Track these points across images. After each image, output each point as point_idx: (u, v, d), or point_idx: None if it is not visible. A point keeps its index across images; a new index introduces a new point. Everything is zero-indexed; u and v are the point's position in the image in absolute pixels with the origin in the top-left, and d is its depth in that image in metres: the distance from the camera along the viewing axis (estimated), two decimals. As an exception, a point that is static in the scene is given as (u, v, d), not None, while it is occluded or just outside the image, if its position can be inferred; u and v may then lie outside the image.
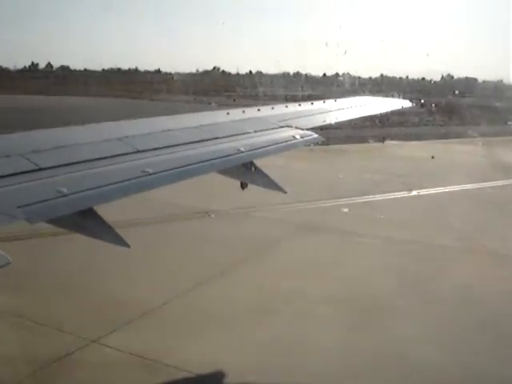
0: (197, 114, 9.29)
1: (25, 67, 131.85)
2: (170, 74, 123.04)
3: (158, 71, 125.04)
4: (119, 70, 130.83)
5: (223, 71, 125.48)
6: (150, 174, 5.78)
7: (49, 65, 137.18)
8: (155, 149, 6.49)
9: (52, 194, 4.93)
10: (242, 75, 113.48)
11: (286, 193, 8.21)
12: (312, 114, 10.42)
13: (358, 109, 12.25)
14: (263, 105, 11.11)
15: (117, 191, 5.46)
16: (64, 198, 4.93)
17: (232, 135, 7.84)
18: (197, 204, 20.56)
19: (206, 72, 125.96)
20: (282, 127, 9.04)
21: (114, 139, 6.51)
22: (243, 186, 8.06)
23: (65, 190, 5.00)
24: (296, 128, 9.18)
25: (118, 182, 5.51)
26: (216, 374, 9.91)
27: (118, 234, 5.33)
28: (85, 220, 5.12)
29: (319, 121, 10.04)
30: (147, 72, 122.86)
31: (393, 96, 15.52)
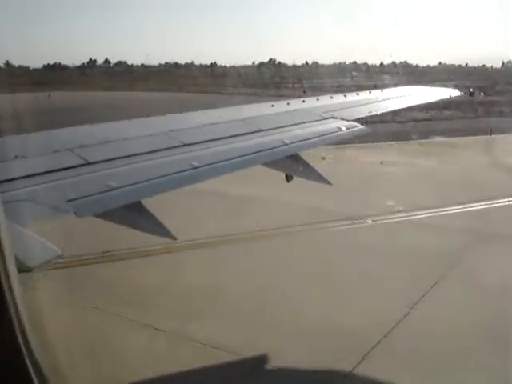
0: (241, 106, 9.26)
1: (83, 64, 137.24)
2: (225, 66, 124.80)
3: (214, 64, 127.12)
4: (176, 64, 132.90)
5: (279, 63, 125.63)
6: (197, 168, 5.76)
7: (106, 61, 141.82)
8: (201, 142, 6.48)
9: (101, 188, 4.96)
10: (299, 66, 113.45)
11: (331, 184, 8.04)
12: (357, 105, 10.21)
13: (405, 99, 11.93)
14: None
15: (164, 184, 5.46)
16: (112, 192, 4.96)
17: (277, 127, 7.75)
18: (344, 209, 18.05)
19: (261, 64, 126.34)
20: (326, 118, 8.88)
21: (160, 133, 6.53)
22: (288, 178, 7.96)
23: (113, 184, 5.03)
24: (341, 119, 9.01)
25: (165, 176, 5.52)
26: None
27: (165, 226, 5.34)
28: (133, 213, 5.14)
29: (365, 111, 9.82)
30: (204, 66, 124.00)
31: (446, 86, 15.09)
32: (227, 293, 11.53)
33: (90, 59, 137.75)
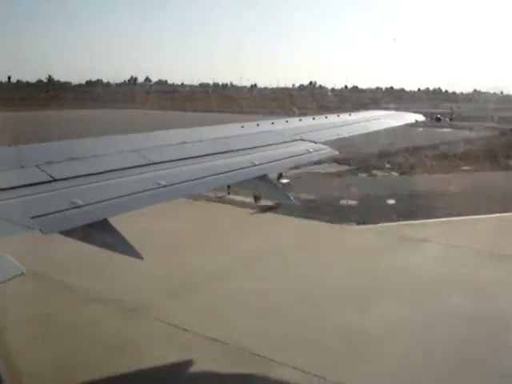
0: (212, 126, 9.31)
1: (125, 81, 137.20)
2: (265, 88, 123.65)
3: (255, 86, 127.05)
4: (215, 84, 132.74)
5: (320, 86, 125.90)
6: (165, 186, 5.76)
7: (147, 79, 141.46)
8: (170, 161, 6.49)
9: (66, 205, 4.92)
10: (339, 89, 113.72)
11: (298, 204, 8.14)
12: (326, 128, 10.38)
13: (372, 123, 12.21)
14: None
15: (131, 203, 5.44)
16: (78, 210, 4.92)
17: (246, 148, 7.82)
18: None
19: (302, 86, 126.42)
20: (295, 140, 9.01)
21: (129, 151, 6.52)
22: (256, 199, 8.03)
23: (79, 202, 4.99)
24: (309, 141, 9.14)
25: (131, 194, 5.50)
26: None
27: (131, 245, 5.30)
28: (99, 231, 5.09)
29: (333, 134, 10.00)
30: (244, 87, 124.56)
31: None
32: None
33: (131, 77, 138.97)
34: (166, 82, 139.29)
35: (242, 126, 9.22)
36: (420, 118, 15.04)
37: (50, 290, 14.43)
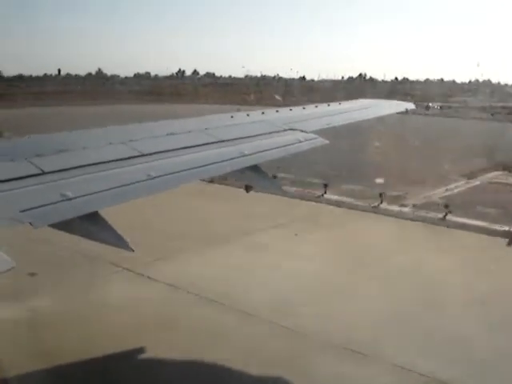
0: (201, 117, 9.28)
1: (172, 74, 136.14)
2: (313, 80, 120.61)
3: (303, 78, 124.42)
4: (264, 77, 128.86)
5: (371, 78, 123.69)
6: (154, 178, 5.77)
7: (195, 72, 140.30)
8: (160, 152, 6.48)
9: (56, 198, 4.91)
10: (390, 82, 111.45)
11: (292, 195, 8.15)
12: (316, 117, 10.37)
13: (363, 111, 12.20)
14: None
15: (121, 195, 5.44)
16: (68, 202, 4.92)
17: (236, 138, 7.82)
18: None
19: (351, 79, 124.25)
20: (286, 130, 9.00)
21: (118, 143, 6.50)
22: (248, 188, 8.03)
23: (69, 194, 4.99)
24: (300, 131, 9.14)
25: (122, 186, 5.50)
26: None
27: (122, 237, 5.30)
28: (90, 224, 5.09)
29: (323, 123, 9.99)
30: (292, 79, 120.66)
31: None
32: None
33: (179, 69, 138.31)
34: (213, 74, 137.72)
35: (232, 116, 9.20)
36: (410, 106, 15.06)
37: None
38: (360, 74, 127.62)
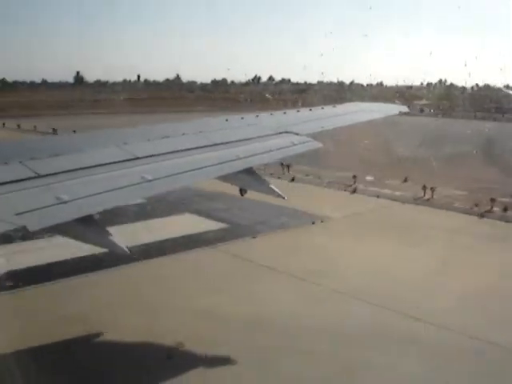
0: (196, 120, 9.31)
1: (248, 80, 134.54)
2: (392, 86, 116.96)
3: (381, 84, 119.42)
4: (340, 82, 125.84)
5: (451, 84, 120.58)
6: (149, 181, 5.79)
7: (271, 78, 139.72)
8: (154, 155, 6.50)
9: (51, 201, 4.93)
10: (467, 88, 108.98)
11: (284, 198, 8.19)
12: (310, 120, 10.43)
13: (357, 114, 12.27)
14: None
15: (116, 197, 5.46)
16: (64, 205, 4.93)
17: (231, 142, 7.85)
18: None
19: (429, 85, 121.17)
20: (280, 133, 9.05)
21: (113, 146, 6.51)
22: (242, 192, 8.05)
23: (65, 197, 5.01)
24: (294, 134, 9.19)
25: (117, 189, 5.51)
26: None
27: (115, 240, 5.32)
28: (85, 227, 5.11)
29: (317, 127, 10.05)
30: (370, 85, 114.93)
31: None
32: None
33: (255, 76, 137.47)
34: (289, 80, 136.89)
35: (227, 120, 9.24)
36: (404, 109, 15.15)
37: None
38: (440, 80, 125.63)
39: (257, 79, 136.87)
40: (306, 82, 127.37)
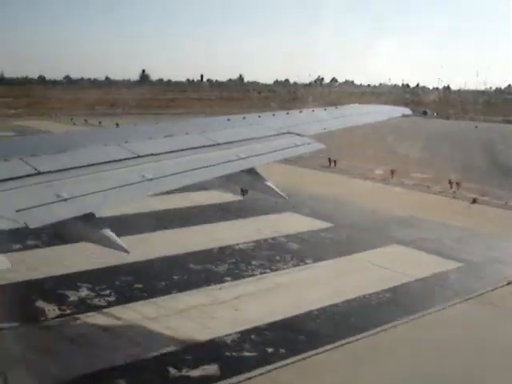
0: (198, 120, 9.28)
1: (311, 82, 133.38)
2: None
3: (447, 88, 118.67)
4: (407, 86, 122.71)
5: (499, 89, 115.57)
6: (150, 179, 5.76)
7: (334, 79, 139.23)
8: (156, 154, 6.47)
9: (51, 199, 4.90)
10: None
11: (286, 199, 8.13)
12: (312, 121, 10.38)
13: (359, 116, 12.22)
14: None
15: (116, 196, 5.43)
16: (64, 203, 4.91)
17: (233, 141, 7.82)
18: None
19: (498, 90, 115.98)
20: (282, 134, 9.01)
21: (114, 144, 6.49)
22: (244, 192, 8.03)
23: (64, 195, 4.98)
24: (296, 135, 9.16)
25: (117, 187, 5.49)
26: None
27: (118, 239, 5.29)
28: (85, 224, 5.08)
29: (320, 128, 10.01)
30: (437, 88, 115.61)
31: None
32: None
33: (318, 77, 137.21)
34: (352, 82, 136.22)
35: (229, 120, 9.21)
36: (407, 111, 15.10)
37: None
38: (509, 85, 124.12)
39: (320, 80, 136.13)
40: (369, 85, 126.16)
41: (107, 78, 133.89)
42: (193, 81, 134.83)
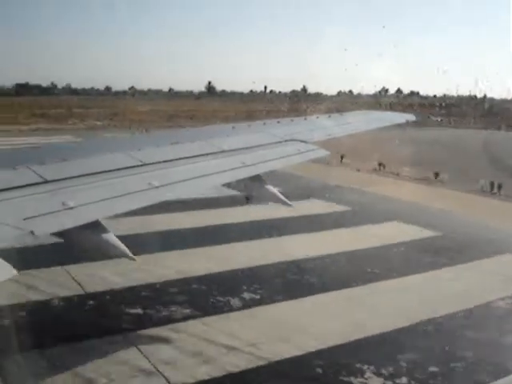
0: (203, 127, 9.33)
1: (375, 92, 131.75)
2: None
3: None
4: (474, 97, 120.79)
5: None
6: (156, 187, 5.78)
7: (399, 90, 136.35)
8: (161, 162, 6.50)
9: (58, 207, 4.93)
10: None
11: (292, 206, 8.14)
12: (317, 128, 10.43)
13: (363, 123, 12.27)
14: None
15: (122, 204, 5.45)
16: (70, 211, 4.93)
17: (238, 149, 7.85)
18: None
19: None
20: (287, 141, 9.05)
21: (120, 152, 6.53)
22: (248, 199, 8.05)
23: (71, 203, 5.00)
24: (301, 142, 9.19)
25: (123, 195, 5.51)
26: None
27: (124, 246, 5.31)
28: (92, 233, 5.10)
29: (325, 134, 10.05)
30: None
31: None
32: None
33: (383, 88, 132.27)
34: (417, 93, 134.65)
35: (233, 127, 9.25)
36: (410, 117, 15.13)
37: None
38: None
39: (384, 91, 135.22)
40: (435, 96, 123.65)
41: (170, 89, 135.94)
42: (255, 92, 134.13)
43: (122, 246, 5.23)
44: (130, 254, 5.24)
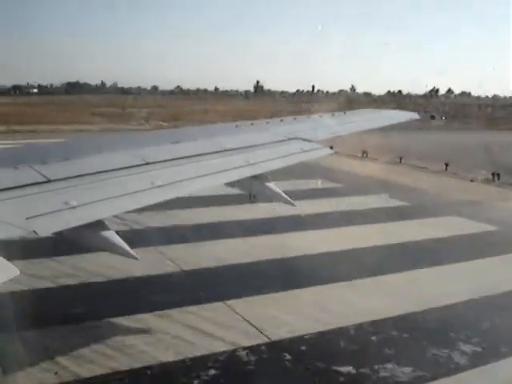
0: (206, 126, 9.30)
1: (426, 92, 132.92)
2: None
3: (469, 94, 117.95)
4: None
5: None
6: (159, 186, 5.75)
7: (449, 90, 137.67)
8: (164, 161, 6.47)
9: (60, 206, 4.90)
10: None
11: (294, 206, 8.10)
12: (320, 127, 10.37)
13: (367, 121, 12.20)
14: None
15: (125, 203, 5.42)
16: (73, 210, 4.91)
17: (241, 147, 7.81)
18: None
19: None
20: (290, 139, 9.00)
21: (123, 151, 6.49)
22: (251, 197, 8.01)
23: (73, 203, 4.98)
24: (304, 140, 9.14)
25: (126, 194, 5.48)
26: None
27: (127, 245, 5.28)
28: (95, 232, 5.07)
29: (328, 133, 10.00)
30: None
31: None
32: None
33: (434, 88, 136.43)
34: (469, 94, 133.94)
35: (237, 126, 9.21)
36: (414, 116, 15.06)
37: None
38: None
39: (435, 91, 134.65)
40: (487, 96, 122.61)
41: (216, 89, 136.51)
42: (303, 91, 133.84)
43: (124, 245, 5.20)
44: (132, 252, 5.21)
